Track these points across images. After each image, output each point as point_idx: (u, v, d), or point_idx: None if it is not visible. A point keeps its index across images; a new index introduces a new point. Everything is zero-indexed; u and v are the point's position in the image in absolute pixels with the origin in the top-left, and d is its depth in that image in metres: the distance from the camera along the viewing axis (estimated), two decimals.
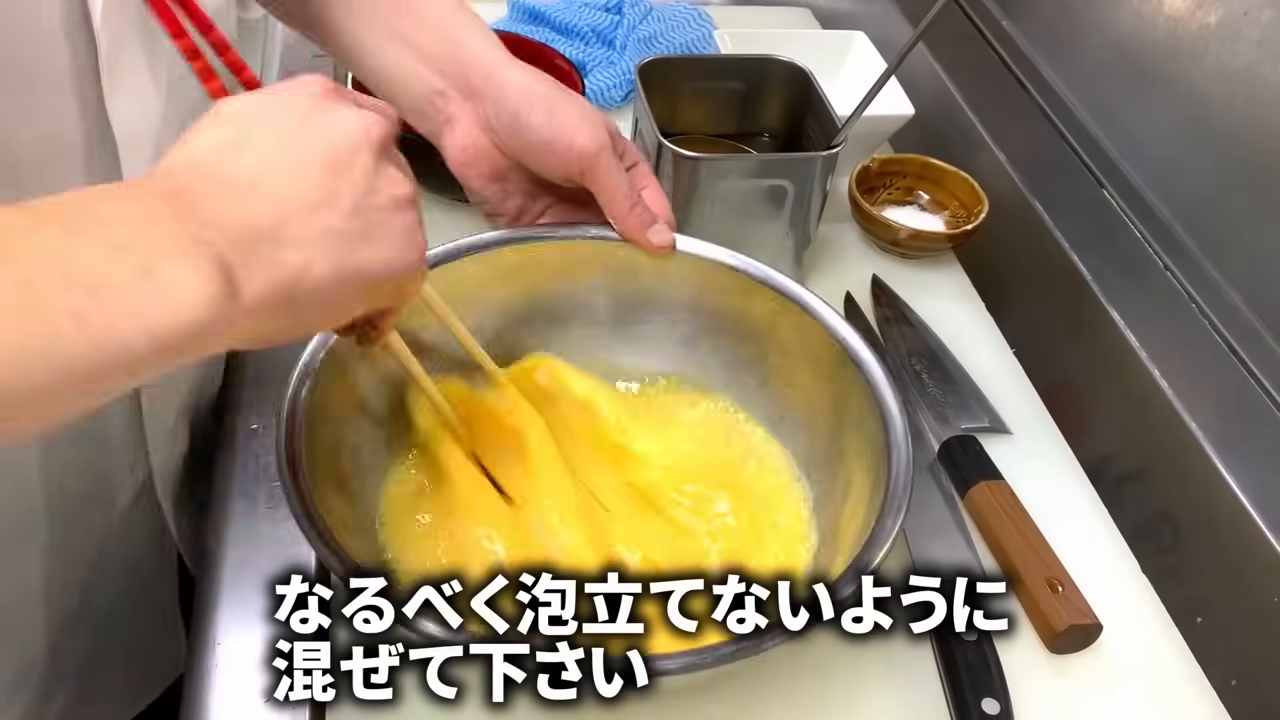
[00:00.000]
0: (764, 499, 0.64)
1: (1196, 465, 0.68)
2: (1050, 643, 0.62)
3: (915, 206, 0.92)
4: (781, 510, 0.64)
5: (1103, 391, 0.79)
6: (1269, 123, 0.71)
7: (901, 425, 0.57)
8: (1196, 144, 0.78)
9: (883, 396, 0.58)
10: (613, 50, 1.07)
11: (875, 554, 0.51)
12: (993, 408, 0.76)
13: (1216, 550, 0.67)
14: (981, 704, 0.56)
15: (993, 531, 0.66)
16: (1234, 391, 0.70)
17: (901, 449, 0.56)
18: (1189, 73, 0.78)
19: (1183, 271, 0.77)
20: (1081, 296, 0.80)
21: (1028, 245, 0.87)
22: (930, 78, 1.03)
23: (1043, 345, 0.83)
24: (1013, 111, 0.96)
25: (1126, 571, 0.68)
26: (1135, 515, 0.71)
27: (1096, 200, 0.85)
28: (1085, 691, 0.61)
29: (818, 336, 0.63)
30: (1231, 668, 0.63)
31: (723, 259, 0.66)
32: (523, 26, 1.08)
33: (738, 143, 0.88)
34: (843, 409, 0.62)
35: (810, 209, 0.80)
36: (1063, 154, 0.89)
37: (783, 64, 0.85)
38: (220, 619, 0.58)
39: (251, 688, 0.54)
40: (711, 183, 0.76)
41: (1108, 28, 0.87)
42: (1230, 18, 0.73)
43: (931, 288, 0.86)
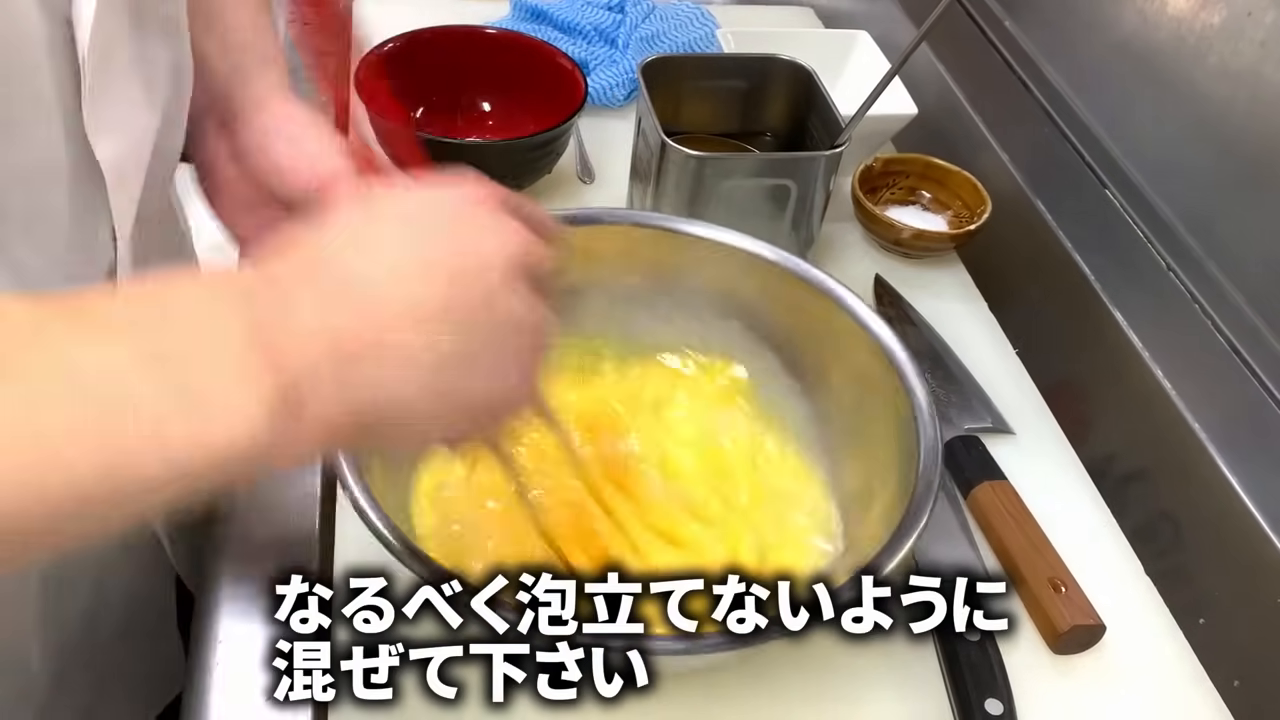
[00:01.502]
0: (784, 497, 0.65)
1: (1199, 465, 0.68)
2: (1053, 643, 0.62)
3: (918, 206, 0.92)
4: (801, 511, 0.64)
5: (1105, 392, 0.79)
6: (1272, 123, 0.71)
7: (932, 433, 0.57)
8: (1199, 144, 0.78)
9: (920, 413, 0.58)
10: (615, 49, 1.07)
11: (887, 561, 0.51)
12: (995, 408, 0.76)
13: (1219, 551, 0.67)
14: (985, 704, 0.56)
15: (995, 531, 0.66)
16: (1237, 391, 0.70)
17: (932, 467, 0.56)
18: (1192, 73, 0.77)
19: (1185, 271, 0.77)
20: (1084, 296, 0.80)
21: (1030, 245, 0.87)
22: (933, 78, 1.03)
23: (1045, 345, 0.82)
24: (1016, 111, 0.95)
25: (1129, 572, 0.68)
26: (1138, 515, 0.71)
27: (1099, 200, 0.85)
28: (1088, 692, 0.61)
29: (863, 345, 0.63)
30: (1234, 668, 0.62)
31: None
32: (525, 25, 1.08)
33: (741, 142, 0.88)
34: (874, 417, 0.62)
35: (813, 208, 0.80)
36: (1065, 154, 0.89)
37: (786, 63, 0.85)
38: (220, 618, 0.58)
39: (252, 687, 0.54)
40: (715, 182, 0.76)
41: (1111, 28, 0.86)
42: (1234, 18, 0.73)
43: (934, 287, 0.86)
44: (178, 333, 0.34)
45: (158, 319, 0.34)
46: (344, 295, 0.37)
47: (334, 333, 0.36)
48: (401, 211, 0.40)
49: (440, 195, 0.41)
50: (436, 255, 0.39)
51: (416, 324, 0.37)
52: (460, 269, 0.39)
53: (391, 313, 0.37)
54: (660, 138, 0.75)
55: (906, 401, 0.59)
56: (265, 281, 0.37)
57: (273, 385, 0.34)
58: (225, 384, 0.34)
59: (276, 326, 0.35)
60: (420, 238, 0.39)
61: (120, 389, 0.32)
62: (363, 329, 0.36)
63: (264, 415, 0.34)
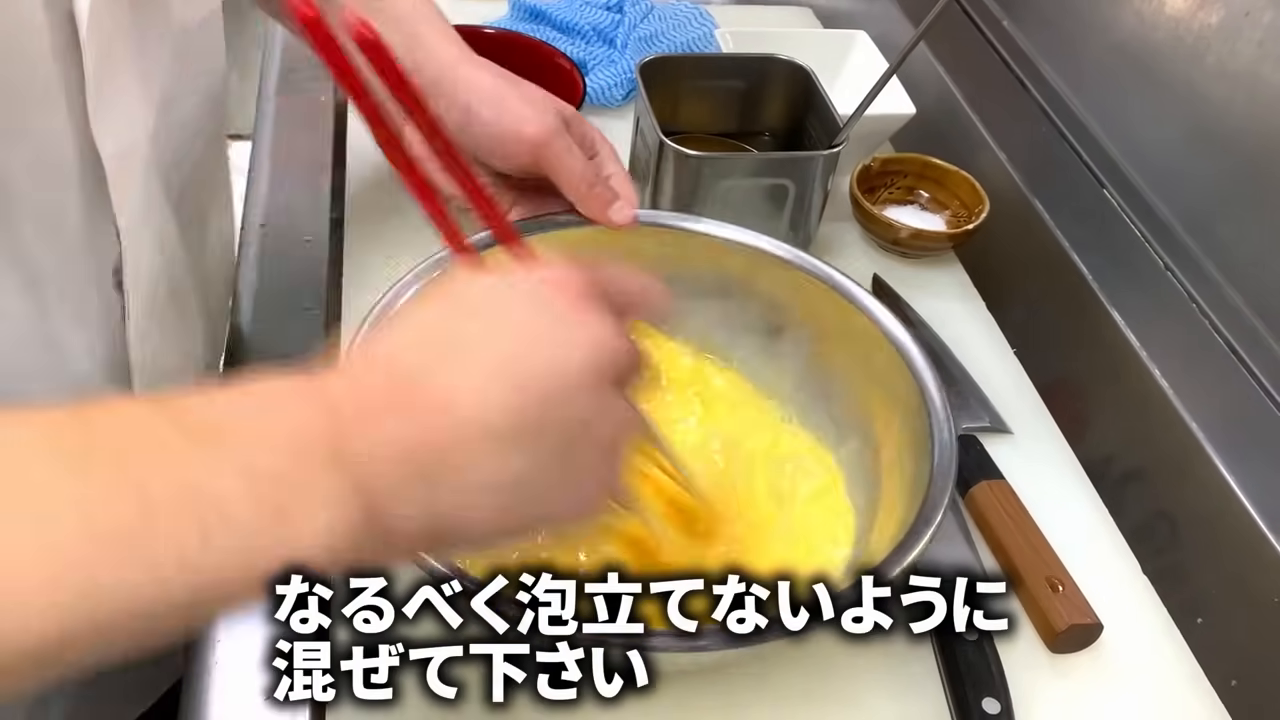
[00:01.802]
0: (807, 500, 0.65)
1: (1197, 465, 0.68)
2: (1051, 642, 0.62)
3: (916, 206, 0.92)
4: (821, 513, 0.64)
5: (1103, 391, 0.79)
6: (1270, 123, 0.71)
7: (948, 436, 0.57)
8: (1197, 144, 0.78)
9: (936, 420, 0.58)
10: (614, 49, 1.07)
11: (891, 569, 0.51)
12: (993, 407, 0.76)
13: (1217, 550, 0.67)
14: (982, 703, 0.56)
15: (993, 531, 0.66)
16: (1234, 391, 0.70)
17: (945, 475, 0.56)
18: (1190, 73, 0.78)
19: (1183, 271, 0.77)
20: (1082, 296, 0.80)
21: (1028, 245, 0.87)
22: (931, 77, 1.03)
23: (1043, 345, 0.82)
24: (1014, 111, 0.96)
25: (1127, 571, 0.68)
26: (1136, 515, 0.71)
27: (1097, 200, 0.85)
28: (1086, 691, 0.61)
29: (890, 358, 0.63)
30: (1232, 668, 0.63)
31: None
32: (523, 25, 1.08)
33: (739, 142, 0.88)
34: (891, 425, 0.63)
35: (811, 208, 0.80)
36: (1064, 154, 0.89)
37: (784, 63, 0.85)
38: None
39: (251, 687, 0.54)
40: (713, 182, 0.76)
41: (1109, 28, 0.86)
42: (1231, 18, 0.73)
43: (932, 287, 0.86)
44: (272, 441, 0.34)
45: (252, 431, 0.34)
46: (424, 411, 0.36)
47: (411, 450, 0.36)
48: (492, 312, 0.39)
49: (531, 291, 0.40)
50: (519, 366, 0.38)
51: (493, 442, 0.37)
52: (541, 382, 0.38)
53: (469, 431, 0.36)
54: (658, 137, 0.75)
55: (922, 408, 0.59)
56: (351, 394, 0.37)
57: (356, 504, 0.34)
58: (313, 505, 0.34)
59: (358, 439, 0.35)
60: (503, 343, 0.38)
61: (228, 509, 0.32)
62: (438, 447, 0.36)
63: (344, 533, 0.34)
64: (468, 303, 0.39)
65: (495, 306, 0.39)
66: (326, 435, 0.35)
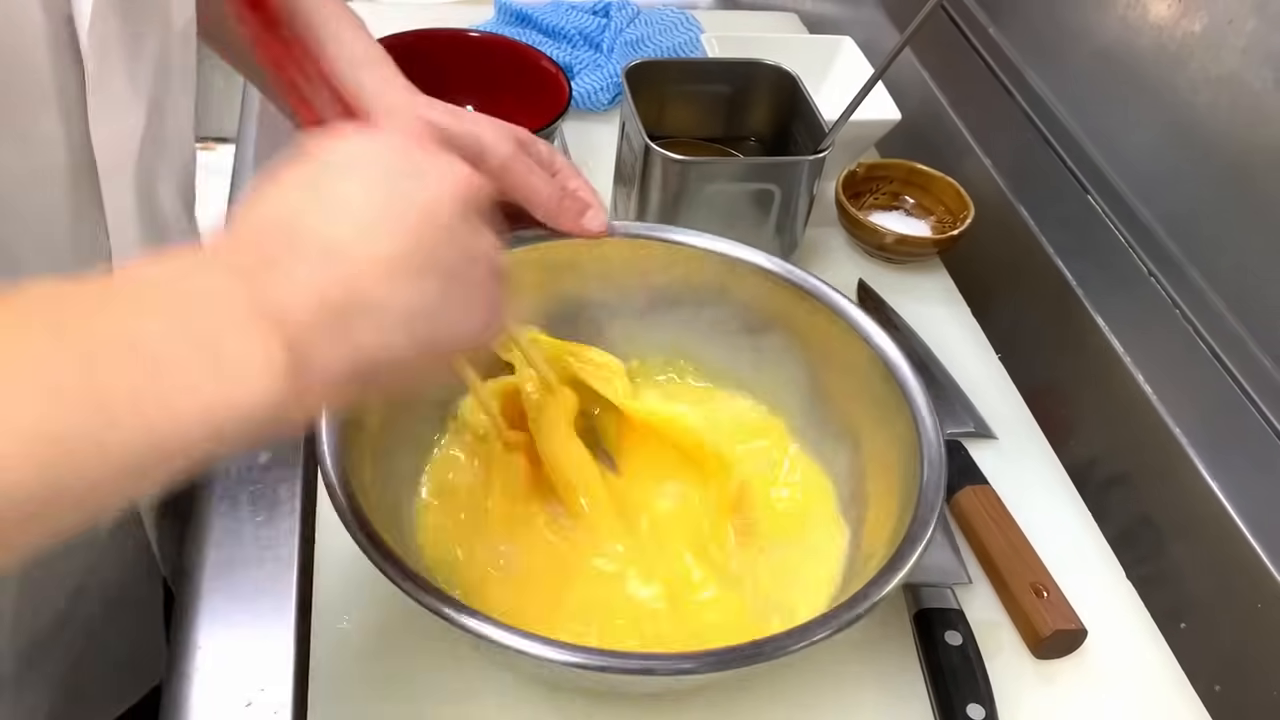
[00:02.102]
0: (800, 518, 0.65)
1: (1180, 470, 0.68)
2: (1035, 648, 0.62)
3: (901, 211, 0.92)
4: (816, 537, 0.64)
5: (1087, 396, 0.79)
6: (1252, 130, 0.71)
7: (936, 446, 0.57)
8: (1181, 150, 0.79)
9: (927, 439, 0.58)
10: (600, 53, 1.07)
11: (881, 588, 0.51)
12: (978, 412, 0.76)
13: (1200, 555, 0.67)
14: (967, 710, 0.56)
15: (978, 536, 0.66)
16: (1218, 396, 0.71)
17: (934, 491, 0.55)
18: (1174, 80, 0.78)
19: (1167, 277, 0.77)
20: (1066, 302, 0.80)
21: (1013, 250, 0.87)
22: (917, 83, 1.03)
23: (1028, 350, 0.83)
24: (998, 117, 0.96)
25: (1111, 576, 0.68)
26: (1120, 520, 0.71)
27: (1081, 205, 0.85)
28: (1070, 697, 0.61)
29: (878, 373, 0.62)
30: (1215, 673, 0.63)
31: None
32: (509, 29, 1.08)
33: (725, 146, 0.88)
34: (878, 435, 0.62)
35: (797, 213, 0.80)
36: (1048, 160, 0.90)
37: (770, 68, 0.85)
38: (201, 623, 0.57)
39: (232, 691, 0.54)
40: (698, 186, 0.76)
41: (1093, 34, 0.87)
42: (1215, 26, 0.74)
43: (917, 292, 0.86)
44: (193, 303, 0.36)
45: (175, 292, 0.36)
46: (323, 257, 0.38)
47: (321, 293, 0.37)
48: (350, 163, 0.41)
49: (390, 141, 0.43)
50: (395, 206, 0.40)
51: (392, 277, 0.39)
52: (418, 216, 0.40)
53: (368, 269, 0.38)
54: (644, 142, 0.75)
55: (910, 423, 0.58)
56: (248, 247, 0.38)
57: (280, 346, 0.36)
58: (244, 348, 0.35)
59: (270, 290, 0.36)
60: (375, 189, 0.40)
61: (164, 355, 0.34)
62: (345, 288, 0.38)
63: (280, 375, 0.35)
64: (335, 157, 0.41)
65: (361, 156, 0.42)
66: (242, 291, 0.36)
